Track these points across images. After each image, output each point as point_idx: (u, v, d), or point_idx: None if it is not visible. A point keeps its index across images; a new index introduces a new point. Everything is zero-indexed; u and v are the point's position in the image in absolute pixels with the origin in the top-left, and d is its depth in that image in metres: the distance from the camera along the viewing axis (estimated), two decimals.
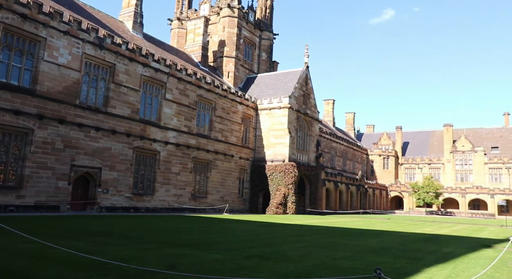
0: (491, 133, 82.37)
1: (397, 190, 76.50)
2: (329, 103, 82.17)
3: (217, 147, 40.39)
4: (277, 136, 44.81)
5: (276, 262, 10.21)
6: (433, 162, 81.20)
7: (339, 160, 67.94)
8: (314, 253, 12.14)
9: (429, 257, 12.11)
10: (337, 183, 55.19)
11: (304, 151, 48.42)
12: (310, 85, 50.51)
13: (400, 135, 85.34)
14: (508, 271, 9.99)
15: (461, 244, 17.35)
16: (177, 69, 35.80)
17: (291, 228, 23.29)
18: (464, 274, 9.39)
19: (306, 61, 50.06)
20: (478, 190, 71.03)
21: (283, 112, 44.84)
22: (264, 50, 57.08)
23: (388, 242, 16.77)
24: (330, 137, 64.33)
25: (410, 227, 28.62)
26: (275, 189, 42.37)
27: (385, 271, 7.36)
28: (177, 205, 34.64)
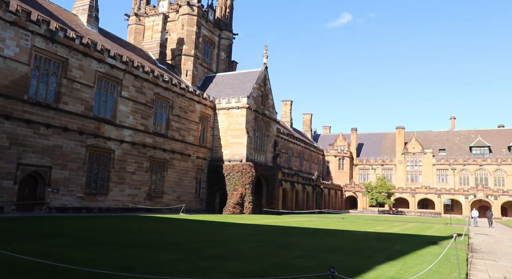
0: (439, 136, 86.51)
1: (352, 190, 78.62)
2: (287, 104, 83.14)
3: (174, 146, 39.81)
4: (235, 136, 44.79)
5: (232, 262, 10.19)
6: (386, 163, 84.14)
7: (296, 161, 68.90)
8: (270, 252, 12.23)
9: (381, 255, 12.52)
10: (293, 183, 55.93)
11: (262, 151, 48.71)
12: (268, 86, 50.88)
13: (355, 137, 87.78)
14: (451, 266, 10.53)
15: (410, 242, 18.08)
16: (134, 66, 34.95)
17: (248, 228, 23.35)
18: (412, 270, 9.79)
19: (265, 61, 50.37)
20: (427, 190, 74.37)
21: (241, 112, 44.89)
22: (224, 49, 56.91)
23: (342, 241, 17.19)
24: (287, 137, 65.09)
25: (363, 226, 29.49)
26: (232, 189, 42.33)
27: (339, 269, 7.53)
28: (132, 205, 33.80)
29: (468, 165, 77.30)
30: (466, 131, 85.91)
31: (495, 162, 75.62)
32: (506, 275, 10.40)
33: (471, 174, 76.96)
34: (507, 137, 79.49)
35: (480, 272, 10.70)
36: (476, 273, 10.41)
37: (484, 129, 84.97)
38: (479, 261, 12.84)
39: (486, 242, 19.87)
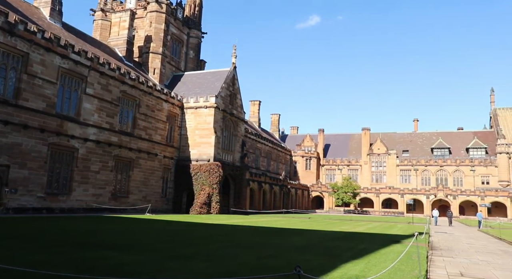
0: (403, 138, 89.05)
1: (318, 190, 79.67)
2: (255, 104, 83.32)
3: (140, 145, 39.10)
4: (202, 136, 44.47)
5: (199, 262, 10.10)
6: (351, 164, 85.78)
7: (263, 161, 69.15)
8: (237, 252, 12.20)
9: (346, 254, 12.74)
10: (261, 183, 56.11)
11: (230, 151, 48.60)
12: (237, 86, 50.83)
13: (322, 138, 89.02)
14: (412, 263, 10.85)
15: (374, 240, 18.49)
16: (99, 63, 34.06)
17: (215, 228, 23.22)
18: (376, 268, 10.01)
19: (233, 61, 50.30)
20: (391, 190, 76.37)
21: (209, 112, 44.63)
22: (192, 48, 56.42)
23: (309, 241, 17.38)
24: (255, 137, 65.24)
25: (329, 225, 29.93)
26: (200, 189, 42.02)
27: (305, 268, 7.60)
28: (96, 205, 32.91)
29: (430, 166, 79.97)
30: (428, 133, 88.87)
31: (454, 163, 78.58)
32: (462, 271, 10.87)
33: (432, 175, 79.65)
34: (466, 139, 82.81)
35: (438, 268, 11.09)
36: (435, 270, 10.78)
37: (445, 131, 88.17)
38: (438, 258, 13.30)
39: (445, 240, 20.60)
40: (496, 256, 14.71)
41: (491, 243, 20.41)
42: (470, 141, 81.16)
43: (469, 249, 16.87)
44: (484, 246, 18.29)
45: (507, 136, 77.85)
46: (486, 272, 10.93)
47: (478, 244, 19.20)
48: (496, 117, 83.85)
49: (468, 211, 71.52)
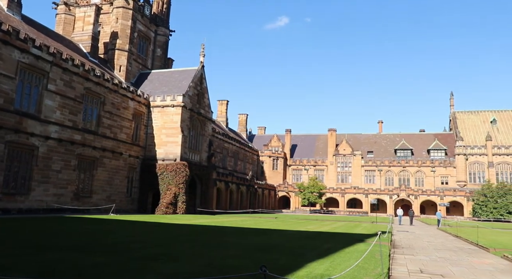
0: (367, 139, 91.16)
1: (285, 190, 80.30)
2: (223, 103, 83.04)
3: (105, 144, 38.16)
4: (169, 135, 43.92)
5: (164, 263, 9.97)
6: (318, 164, 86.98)
7: (230, 161, 69.03)
8: (203, 252, 12.12)
9: (311, 253, 12.90)
10: (228, 183, 56.00)
11: (197, 151, 48.23)
12: (204, 85, 50.51)
13: (289, 138, 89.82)
14: (375, 261, 11.12)
15: (339, 240, 18.83)
16: (62, 59, 32.96)
17: (181, 228, 22.98)
18: (340, 267, 10.19)
19: (201, 60, 49.95)
20: (355, 190, 78.00)
21: (176, 111, 44.13)
22: (160, 46, 55.59)
23: (275, 240, 17.48)
24: (222, 137, 65.03)
25: (295, 225, 30.22)
26: (166, 189, 41.48)
27: (271, 268, 7.64)
28: (57, 205, 31.82)
29: (393, 167, 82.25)
30: (392, 135, 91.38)
31: (416, 164, 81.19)
32: (422, 267, 11.30)
33: (396, 175, 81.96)
34: (427, 141, 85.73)
35: (400, 266, 11.45)
36: (396, 267, 11.11)
37: (408, 133, 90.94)
38: (400, 256, 13.71)
39: (406, 239, 21.25)
40: (453, 253, 15.33)
41: (449, 240, 21.23)
42: (431, 143, 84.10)
43: (429, 246, 17.48)
44: (442, 244, 19.00)
45: (465, 138, 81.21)
46: (444, 268, 11.39)
47: (436, 242, 19.92)
48: (455, 120, 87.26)
49: (428, 210, 74.06)
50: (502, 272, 11.18)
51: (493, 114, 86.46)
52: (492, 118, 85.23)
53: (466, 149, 78.24)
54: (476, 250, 16.72)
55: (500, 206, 62.91)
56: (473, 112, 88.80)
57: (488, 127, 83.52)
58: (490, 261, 13.31)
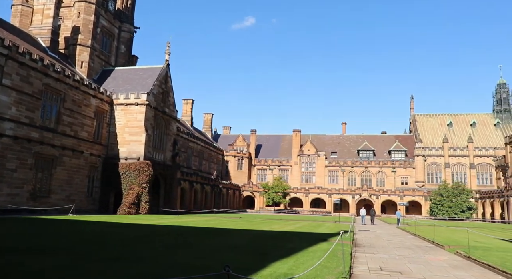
0: (331, 140, 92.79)
1: (250, 190, 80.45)
2: (188, 102, 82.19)
3: (65, 142, 36.90)
4: (132, 133, 43.04)
5: (126, 264, 9.76)
6: (282, 164, 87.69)
7: (195, 160, 68.42)
8: (167, 253, 11.95)
9: (275, 253, 12.97)
10: (192, 182, 55.49)
11: (161, 150, 47.52)
12: (170, 83, 49.83)
13: (254, 138, 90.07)
14: (337, 260, 11.34)
15: (303, 239, 19.04)
16: (18, 52, 31.59)
17: (144, 228, 22.56)
18: (303, 266, 10.31)
19: (167, 58, 49.28)
20: (319, 190, 79.19)
21: (140, 109, 43.30)
22: (124, 42, 54.35)
23: (239, 240, 17.47)
24: (187, 136, 64.36)
25: (260, 225, 30.32)
26: (128, 188, 40.62)
27: (235, 268, 7.62)
28: (11, 206, 30.40)
29: (356, 167, 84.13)
30: (355, 136, 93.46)
31: (377, 165, 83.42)
32: (382, 265, 11.66)
33: (358, 176, 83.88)
34: (388, 143, 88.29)
35: (361, 264, 11.74)
36: (358, 266, 11.39)
37: (370, 135, 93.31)
38: (361, 254, 14.05)
39: (367, 238, 21.79)
40: (411, 251, 15.87)
41: (408, 239, 21.95)
42: (392, 144, 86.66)
43: (389, 245, 18.01)
44: (401, 242, 19.62)
45: (424, 140, 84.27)
46: (402, 265, 11.79)
47: (396, 241, 20.55)
48: (415, 123, 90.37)
49: (389, 209, 76.26)
50: (455, 268, 11.73)
51: (449, 118, 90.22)
52: (448, 121, 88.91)
53: (424, 151, 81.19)
54: (432, 248, 17.38)
55: (455, 205, 65.71)
56: (431, 115, 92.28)
57: (445, 130, 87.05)
58: (444, 258, 13.87)
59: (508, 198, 58.79)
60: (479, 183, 78.08)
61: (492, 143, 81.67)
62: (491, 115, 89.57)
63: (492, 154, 78.36)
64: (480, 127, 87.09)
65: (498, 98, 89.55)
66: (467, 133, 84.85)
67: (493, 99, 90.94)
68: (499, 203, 62.52)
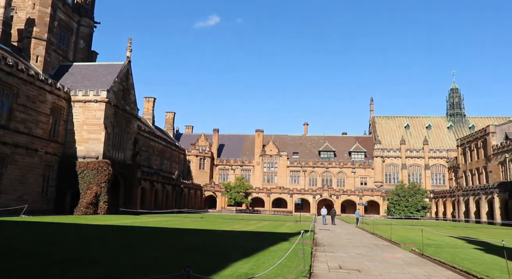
0: (293, 140, 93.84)
1: (211, 190, 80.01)
2: (149, 101, 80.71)
3: (17, 139, 35.25)
4: (91, 131, 41.77)
5: (85, 266, 9.46)
6: (245, 164, 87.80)
7: (156, 159, 67.30)
8: (126, 254, 11.68)
9: (236, 253, 12.96)
10: (153, 182, 54.54)
11: (121, 149, 46.40)
12: (131, 81, 48.74)
13: (217, 138, 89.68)
14: (298, 259, 11.47)
15: (264, 239, 19.14)
16: None
17: (103, 229, 21.93)
18: (264, 265, 10.36)
19: (128, 55, 48.18)
20: (281, 190, 79.86)
21: (99, 106, 42.09)
22: (83, 37, 52.61)
23: (200, 240, 17.33)
24: (148, 135, 63.21)
25: (221, 225, 30.21)
26: (86, 188, 39.38)
27: (196, 268, 7.54)
28: None
29: (317, 168, 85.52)
30: (317, 137, 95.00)
31: (338, 166, 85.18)
32: (341, 264, 11.92)
33: (319, 176, 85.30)
34: (349, 144, 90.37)
35: (321, 263, 11.95)
36: (318, 265, 11.58)
37: (331, 135, 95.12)
38: (321, 253, 14.29)
39: (327, 237, 22.20)
40: (369, 249, 16.31)
41: (366, 238, 22.54)
42: (352, 145, 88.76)
43: (348, 244, 18.42)
44: (359, 241, 20.13)
45: (383, 141, 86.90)
46: (360, 264, 12.10)
47: (355, 239, 21.06)
48: (374, 124, 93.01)
49: (349, 209, 78.05)
50: (409, 264, 12.19)
51: (407, 120, 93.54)
52: (406, 124, 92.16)
53: (383, 152, 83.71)
54: (389, 246, 17.94)
55: (411, 204, 68.21)
56: (390, 117, 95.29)
57: (403, 132, 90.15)
58: (400, 255, 14.36)
59: (459, 197, 61.67)
60: (433, 183, 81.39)
61: (445, 145, 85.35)
62: (445, 118, 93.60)
63: (445, 155, 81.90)
64: (435, 129, 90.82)
65: (451, 102, 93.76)
66: (423, 135, 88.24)
67: (446, 103, 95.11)
68: (451, 203, 65.46)
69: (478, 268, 11.05)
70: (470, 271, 10.47)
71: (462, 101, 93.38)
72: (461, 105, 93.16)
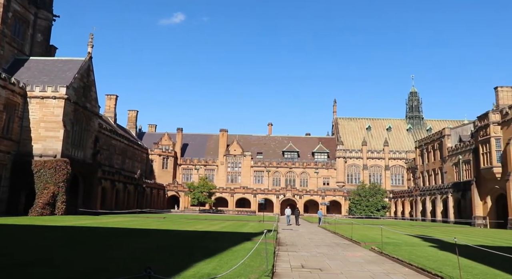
0: (258, 140, 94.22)
1: (175, 190, 79.03)
2: (111, 98, 78.70)
3: None
4: (49, 129, 40.23)
5: (40, 269, 9.09)
6: (208, 164, 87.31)
7: (118, 158, 65.70)
8: (85, 256, 11.33)
9: (199, 253, 12.85)
10: (114, 182, 53.20)
11: (81, 147, 44.99)
12: (92, 77, 47.35)
13: (181, 137, 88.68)
14: (260, 259, 11.51)
15: (227, 239, 19.09)
16: None
17: (60, 230, 21.17)
18: (227, 265, 10.32)
19: (89, 51, 46.80)
20: (244, 190, 79.97)
21: (58, 103, 40.62)
22: (41, 31, 50.57)
23: (162, 241, 17.07)
24: (110, 134, 61.61)
25: (184, 225, 29.88)
26: (43, 188, 37.87)
27: (158, 269, 7.42)
28: None
29: (281, 168, 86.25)
30: (281, 137, 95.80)
31: (301, 166, 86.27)
32: (303, 263, 12.07)
33: (283, 176, 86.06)
34: (312, 144, 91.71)
35: (283, 262, 12.04)
36: (280, 264, 11.67)
37: (295, 136, 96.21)
38: (283, 253, 14.41)
39: (290, 236, 22.42)
40: (330, 248, 16.60)
41: (328, 237, 22.94)
42: (316, 146, 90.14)
43: (310, 243, 18.68)
44: (322, 240, 20.46)
45: (345, 142, 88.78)
46: (322, 262, 12.29)
47: (317, 239, 21.38)
48: (337, 126, 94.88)
49: (311, 209, 79.17)
50: (369, 263, 12.50)
51: (368, 122, 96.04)
52: (367, 125, 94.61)
53: (345, 153, 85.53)
54: (350, 245, 18.33)
55: (371, 204, 70.07)
56: (352, 119, 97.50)
57: (364, 133, 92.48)
58: (360, 254, 14.70)
59: (416, 197, 63.98)
60: (392, 183, 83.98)
61: (404, 147, 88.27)
62: (404, 120, 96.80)
63: (404, 156, 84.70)
64: (395, 131, 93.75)
65: (410, 105, 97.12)
66: (384, 137, 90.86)
67: (406, 106, 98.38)
68: (409, 202, 67.81)
69: (432, 264, 11.49)
70: (425, 268, 10.88)
71: (420, 105, 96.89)
72: (419, 108, 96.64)
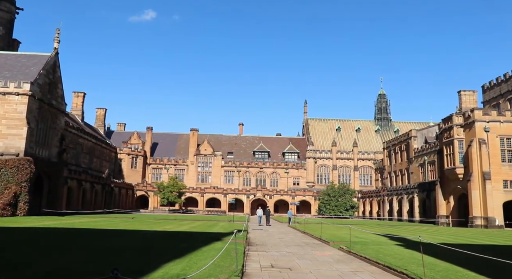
0: (228, 140, 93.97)
1: (144, 190, 77.79)
2: (79, 96, 76.65)
3: None
4: (11, 126, 38.75)
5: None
6: (179, 164, 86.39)
7: (85, 157, 64.04)
8: (47, 258, 10.95)
9: (168, 253, 12.67)
10: (81, 181, 51.83)
11: (45, 146, 43.56)
12: (58, 74, 45.94)
13: (150, 136, 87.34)
14: (230, 259, 11.46)
15: (197, 239, 18.92)
16: None
17: (21, 231, 20.42)
18: (197, 265, 10.22)
19: (56, 46, 45.37)
20: (215, 190, 79.59)
21: (22, 100, 39.19)
22: (3, 23, 48.71)
23: (130, 242, 16.75)
24: (77, 132, 59.98)
25: (153, 225, 29.45)
26: (4, 188, 36.41)
27: (125, 270, 7.24)
28: None
29: (251, 168, 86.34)
30: (251, 137, 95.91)
31: (272, 166, 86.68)
32: (273, 262, 12.11)
33: (253, 176, 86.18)
34: (283, 144, 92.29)
35: (253, 262, 12.05)
36: (250, 264, 11.66)
37: (266, 136, 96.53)
38: (253, 252, 14.42)
39: (260, 236, 22.47)
40: (300, 248, 16.73)
41: (297, 236, 23.12)
42: (286, 146, 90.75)
43: (280, 243, 18.77)
44: (291, 240, 20.60)
45: (315, 143, 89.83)
46: (291, 262, 12.37)
47: (287, 238, 21.51)
48: (308, 126, 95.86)
49: (281, 209, 79.63)
50: (338, 261, 12.68)
51: (338, 123, 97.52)
52: (337, 126, 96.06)
53: (315, 153, 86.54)
54: (319, 244, 18.54)
55: (340, 204, 71.18)
56: (322, 120, 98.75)
57: (334, 134, 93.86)
58: (329, 253, 14.89)
59: (384, 197, 65.47)
60: (361, 183, 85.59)
61: (373, 148, 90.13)
62: (373, 122, 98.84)
63: (372, 157, 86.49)
64: (364, 132, 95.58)
65: (379, 107, 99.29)
66: (353, 137, 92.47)
67: (375, 108, 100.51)
68: (377, 202, 69.30)
69: (398, 262, 11.77)
70: (391, 266, 11.13)
71: (388, 106, 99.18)
72: (387, 110, 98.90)
